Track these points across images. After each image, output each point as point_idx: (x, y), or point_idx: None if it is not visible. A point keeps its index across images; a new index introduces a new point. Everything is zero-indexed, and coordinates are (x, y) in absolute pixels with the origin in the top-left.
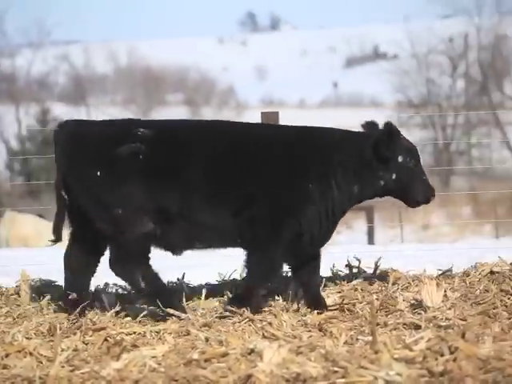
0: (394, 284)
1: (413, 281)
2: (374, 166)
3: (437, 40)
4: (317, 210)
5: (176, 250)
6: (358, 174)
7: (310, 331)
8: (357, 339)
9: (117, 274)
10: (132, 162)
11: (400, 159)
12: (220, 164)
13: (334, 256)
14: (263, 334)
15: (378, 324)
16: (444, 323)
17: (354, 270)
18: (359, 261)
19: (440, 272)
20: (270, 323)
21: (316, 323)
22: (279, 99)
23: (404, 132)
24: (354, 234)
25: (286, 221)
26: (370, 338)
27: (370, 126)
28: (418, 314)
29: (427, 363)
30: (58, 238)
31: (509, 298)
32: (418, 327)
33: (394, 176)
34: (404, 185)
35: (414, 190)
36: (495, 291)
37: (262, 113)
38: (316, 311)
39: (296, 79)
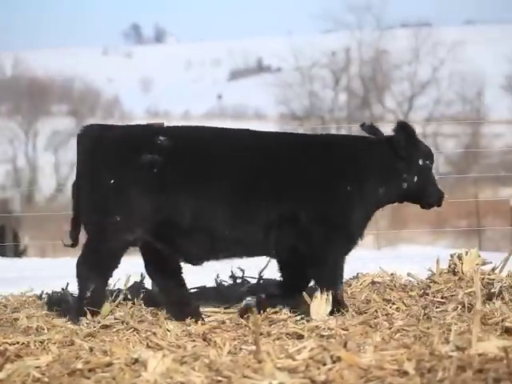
0: (278, 294)
1: None
2: (399, 169)
3: (320, 54)
4: (358, 212)
5: (196, 260)
6: (383, 177)
7: (194, 341)
8: (240, 349)
9: (77, 274)
10: (146, 173)
11: (421, 162)
12: (250, 176)
13: (217, 266)
14: (147, 344)
15: (261, 334)
16: (326, 333)
17: (238, 281)
18: (243, 271)
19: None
20: (155, 333)
21: (200, 333)
22: (164, 110)
23: None
24: None
25: (338, 224)
26: (254, 348)
27: (371, 128)
28: (301, 323)
29: (310, 372)
30: (74, 244)
31: (390, 308)
32: (300, 337)
33: (415, 179)
34: (423, 187)
35: (430, 193)
36: (376, 301)
37: (147, 123)
38: (200, 321)
39: (181, 91)
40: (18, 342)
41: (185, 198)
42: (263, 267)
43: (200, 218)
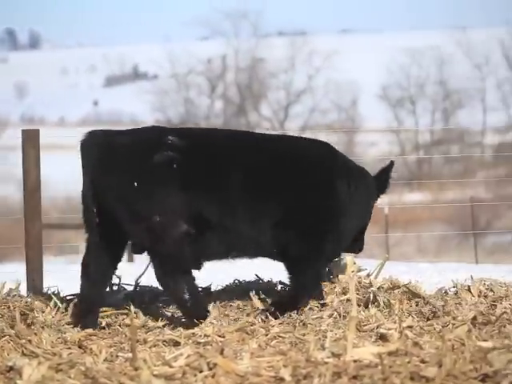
0: (155, 301)
1: None
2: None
3: (196, 61)
4: (348, 221)
5: (208, 260)
6: (370, 207)
7: (69, 348)
8: (117, 356)
9: (164, 288)
10: (167, 170)
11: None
12: (258, 175)
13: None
14: (23, 352)
15: (137, 341)
16: (203, 340)
17: (115, 288)
18: (119, 278)
19: (200, 288)
20: (30, 340)
21: (76, 340)
22: (40, 117)
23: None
24: None
25: (329, 231)
26: (130, 355)
27: None
28: (178, 330)
29: (186, 379)
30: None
31: (268, 315)
32: (177, 344)
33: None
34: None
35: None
36: (252, 308)
37: (22, 130)
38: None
39: (56, 97)
40: None
41: (202, 196)
42: (140, 275)
43: (217, 217)
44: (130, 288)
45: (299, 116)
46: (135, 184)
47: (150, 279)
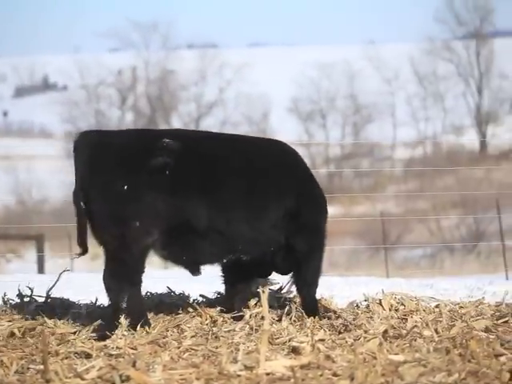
0: (66, 313)
1: (87, 309)
2: None
3: (106, 72)
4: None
5: (200, 264)
6: None
7: None
8: (28, 368)
9: (108, 288)
10: (158, 176)
11: None
12: (253, 175)
13: (5, 285)
14: None
15: (49, 353)
16: (115, 352)
17: (26, 299)
18: (31, 290)
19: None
20: None
21: None
22: None
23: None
24: (24, 263)
25: (324, 230)
26: (42, 367)
27: None
28: (90, 342)
29: None
30: (84, 251)
31: (178, 326)
32: (89, 356)
33: None
34: None
35: None
36: (163, 321)
37: None
38: None
39: None
40: None
41: (196, 200)
42: (51, 286)
43: (211, 220)
44: (41, 299)
45: (210, 128)
46: (124, 186)
47: (62, 291)
